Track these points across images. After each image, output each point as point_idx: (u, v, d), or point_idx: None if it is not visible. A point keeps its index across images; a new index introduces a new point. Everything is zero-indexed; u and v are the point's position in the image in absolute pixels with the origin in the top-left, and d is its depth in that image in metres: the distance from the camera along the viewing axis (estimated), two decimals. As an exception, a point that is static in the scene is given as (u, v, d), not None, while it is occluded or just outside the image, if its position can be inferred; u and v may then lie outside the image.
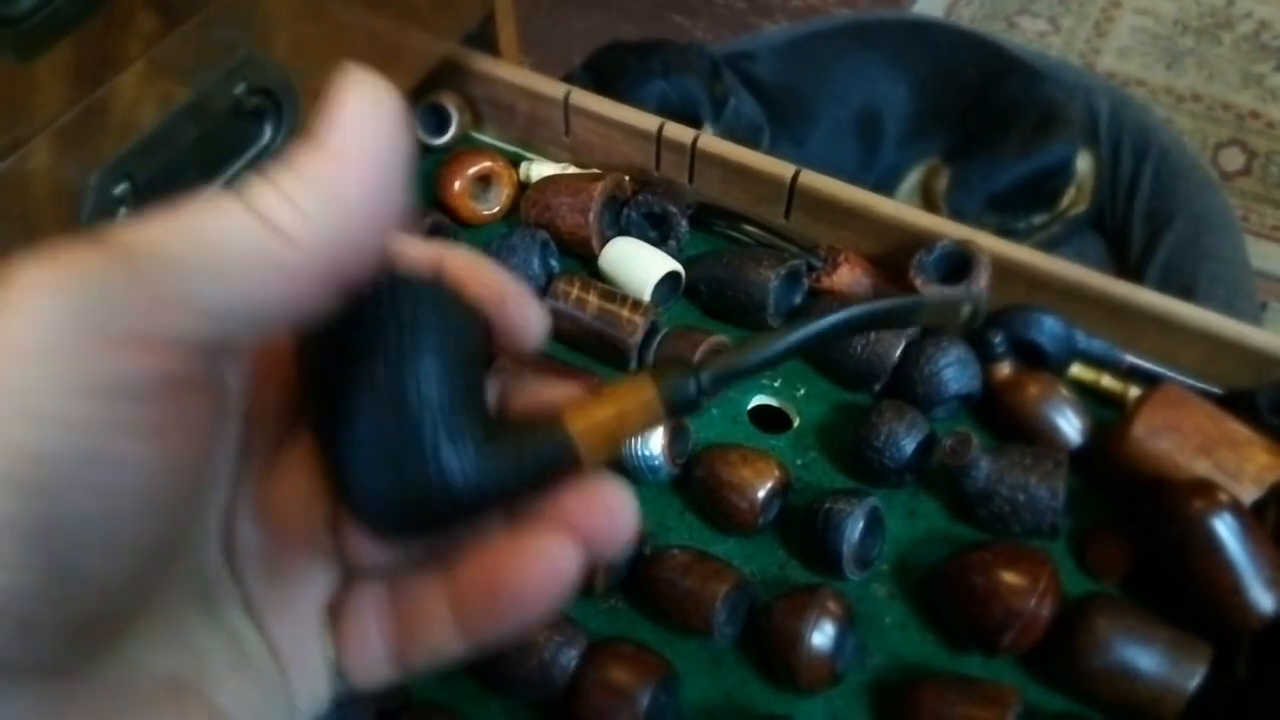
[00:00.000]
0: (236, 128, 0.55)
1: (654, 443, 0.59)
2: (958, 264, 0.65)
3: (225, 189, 0.19)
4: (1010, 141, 1.12)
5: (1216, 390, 0.64)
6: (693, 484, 0.61)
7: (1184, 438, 0.57)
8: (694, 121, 1.02)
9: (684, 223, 0.70)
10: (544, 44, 1.63)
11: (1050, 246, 1.19)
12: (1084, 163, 1.16)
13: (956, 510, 0.61)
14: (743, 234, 0.73)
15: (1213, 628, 0.53)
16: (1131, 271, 1.13)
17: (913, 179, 1.18)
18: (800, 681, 0.52)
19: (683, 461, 0.61)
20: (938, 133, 1.17)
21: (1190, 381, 0.64)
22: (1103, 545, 0.58)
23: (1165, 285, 1.07)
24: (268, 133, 0.57)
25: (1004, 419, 0.63)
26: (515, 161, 0.77)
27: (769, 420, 0.67)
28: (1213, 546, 0.52)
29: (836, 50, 1.19)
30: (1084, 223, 1.19)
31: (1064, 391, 0.62)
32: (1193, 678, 0.50)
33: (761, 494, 0.58)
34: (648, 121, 0.73)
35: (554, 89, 0.74)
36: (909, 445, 0.59)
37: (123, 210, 0.49)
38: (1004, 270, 0.64)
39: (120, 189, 0.48)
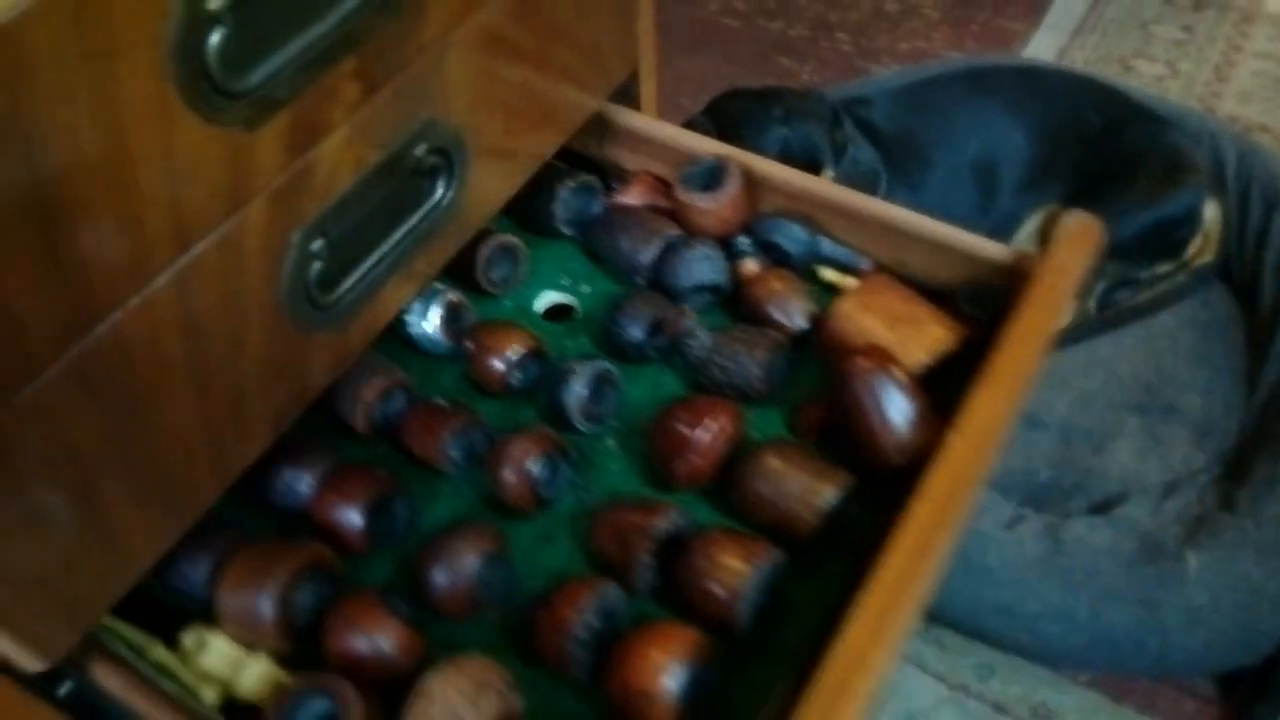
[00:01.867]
0: (414, 185, 0.58)
1: (433, 318, 0.69)
2: (716, 175, 0.74)
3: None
4: (1135, 189, 1.11)
5: (934, 288, 0.71)
6: (463, 353, 0.70)
7: (877, 315, 0.67)
8: (814, 167, 1.03)
9: None
10: (652, 86, 1.66)
11: (1176, 297, 1.16)
12: (1211, 211, 1.14)
13: (690, 381, 0.70)
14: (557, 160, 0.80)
15: (866, 467, 0.62)
16: (1264, 325, 1.09)
17: (1031, 225, 1.17)
18: (508, 502, 0.62)
19: (459, 336, 0.70)
20: (1057, 179, 1.16)
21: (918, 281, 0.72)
22: (806, 411, 0.67)
23: (1301, 339, 1.04)
24: (439, 190, 0.59)
25: (746, 309, 0.72)
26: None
27: (561, 316, 0.76)
28: (862, 397, 0.61)
29: (953, 96, 1.20)
30: (1211, 273, 1.17)
31: (798, 284, 0.72)
32: (828, 498, 0.59)
33: (513, 356, 0.67)
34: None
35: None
36: (640, 324, 0.69)
37: (317, 265, 0.52)
38: (761, 184, 0.74)
39: (317, 245, 0.51)
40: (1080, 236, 0.64)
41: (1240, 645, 0.90)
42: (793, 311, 0.70)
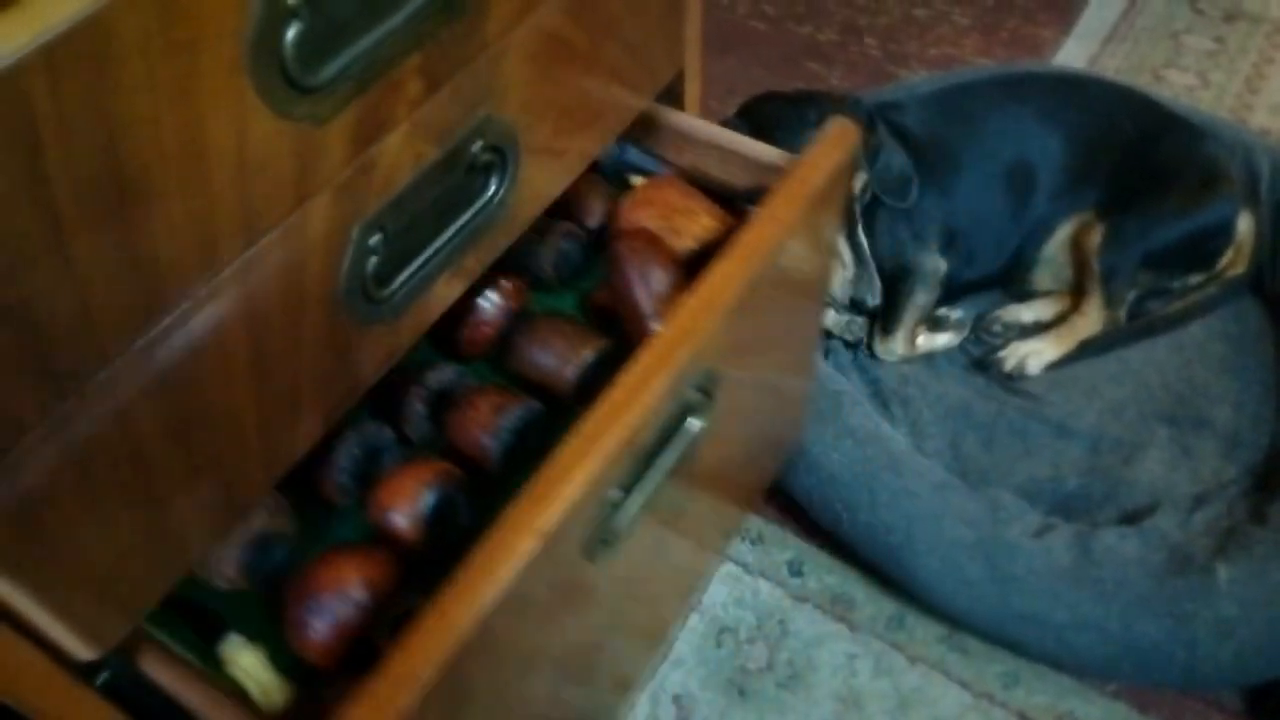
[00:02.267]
0: (468, 182, 0.58)
1: None
2: None
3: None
4: (1170, 199, 1.10)
5: (727, 191, 0.78)
6: None
7: (655, 208, 0.75)
8: (850, 172, 1.03)
9: None
10: (679, 86, 1.66)
11: (1207, 308, 1.16)
12: (1244, 223, 1.13)
13: (498, 266, 0.75)
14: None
15: (632, 335, 0.69)
16: (1296, 337, 1.09)
17: (1064, 232, 1.17)
18: None
19: None
20: (1090, 187, 1.15)
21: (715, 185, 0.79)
22: (596, 294, 0.77)
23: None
24: (492, 187, 0.59)
25: (555, 208, 0.75)
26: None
27: None
28: (628, 272, 0.69)
29: (986, 102, 1.19)
30: (1241, 285, 1.16)
31: (600, 186, 0.80)
32: (586, 357, 0.70)
33: None
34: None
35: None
36: None
37: (374, 259, 0.52)
38: None
39: (374, 240, 0.52)
40: (835, 138, 0.69)
41: (1270, 658, 0.89)
42: (593, 209, 0.80)
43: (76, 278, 0.37)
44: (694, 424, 0.58)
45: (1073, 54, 1.59)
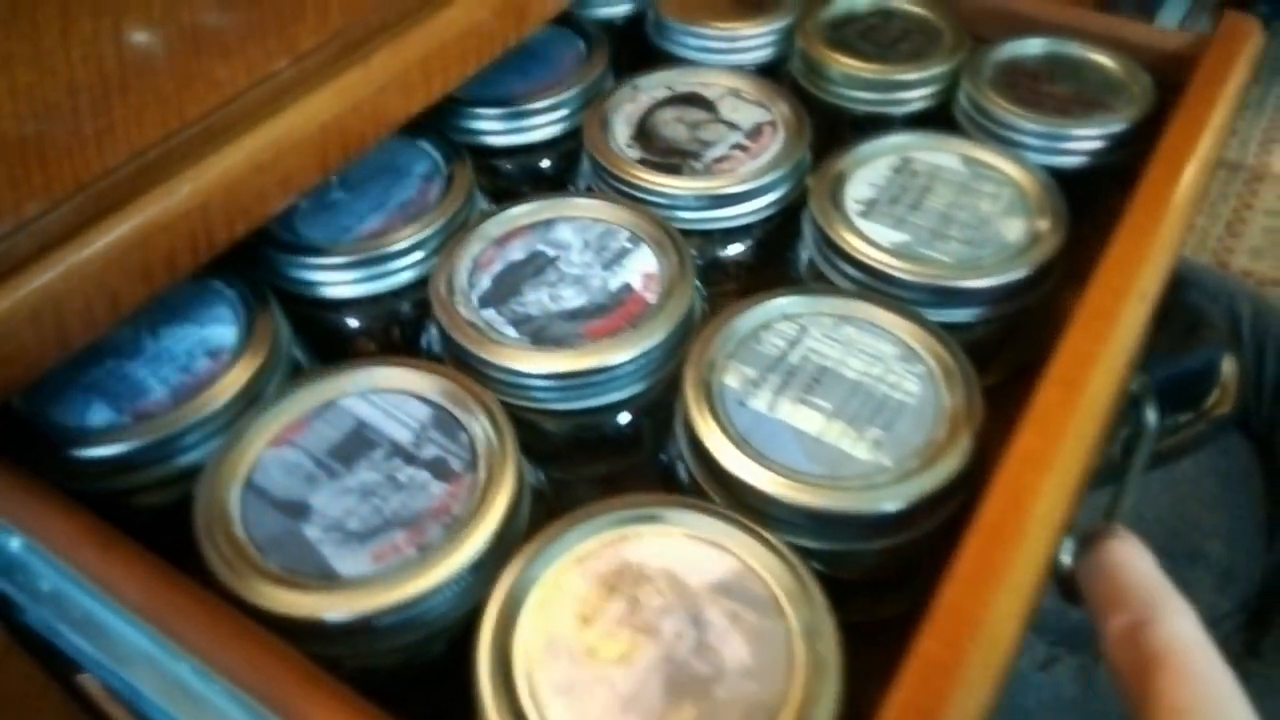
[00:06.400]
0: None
1: None
2: None
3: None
4: (1159, 345, 1.18)
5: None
6: None
7: None
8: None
9: None
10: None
11: (1197, 444, 1.22)
12: (1229, 366, 1.21)
13: None
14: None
15: None
16: (1282, 477, 1.15)
17: (1060, 373, 1.24)
18: None
19: None
20: (1083, 330, 1.23)
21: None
22: None
23: (1319, 494, 1.09)
24: None
25: None
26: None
27: None
28: None
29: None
30: (1228, 423, 1.23)
31: None
32: None
33: None
34: None
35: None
36: None
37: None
38: None
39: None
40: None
41: (1269, 793, 0.93)
42: None
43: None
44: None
45: (1063, 196, 1.69)
